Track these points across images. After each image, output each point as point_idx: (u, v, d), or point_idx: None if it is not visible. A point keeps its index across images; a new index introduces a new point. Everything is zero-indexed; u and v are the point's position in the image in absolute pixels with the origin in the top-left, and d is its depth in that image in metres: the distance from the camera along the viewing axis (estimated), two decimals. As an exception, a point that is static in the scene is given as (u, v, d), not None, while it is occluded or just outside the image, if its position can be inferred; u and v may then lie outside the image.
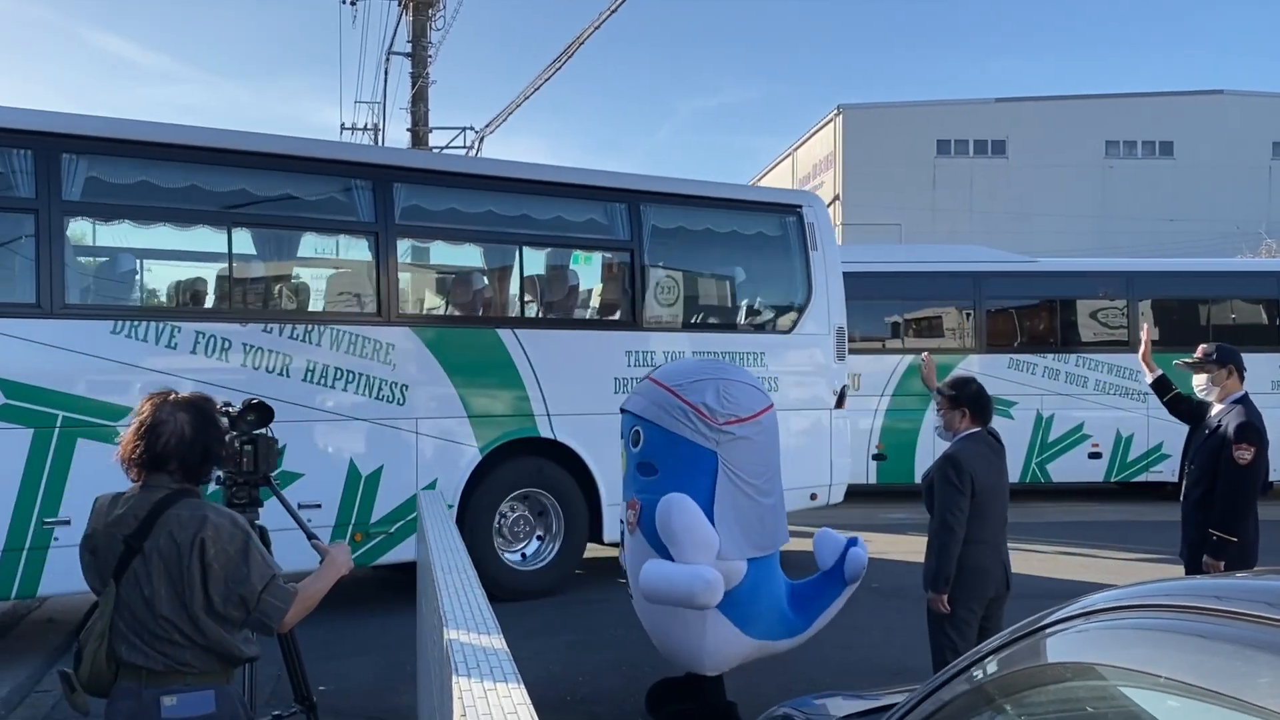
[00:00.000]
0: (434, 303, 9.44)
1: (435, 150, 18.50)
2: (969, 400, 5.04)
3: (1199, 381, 5.72)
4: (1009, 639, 1.91)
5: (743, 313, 10.36)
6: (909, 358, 14.67)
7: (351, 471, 7.77)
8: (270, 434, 4.13)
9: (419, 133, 18.24)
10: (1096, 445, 14.80)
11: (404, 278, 8.82)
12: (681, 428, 5.04)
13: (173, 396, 3.02)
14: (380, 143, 23.83)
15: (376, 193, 7.90)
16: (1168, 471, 14.12)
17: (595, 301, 9.91)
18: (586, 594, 8.73)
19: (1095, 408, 14.83)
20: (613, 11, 11.92)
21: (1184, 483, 5.72)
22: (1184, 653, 1.59)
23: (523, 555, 8.80)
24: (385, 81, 35.20)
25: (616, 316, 9.28)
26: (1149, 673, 1.61)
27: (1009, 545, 5.18)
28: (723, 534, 4.92)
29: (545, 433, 8.57)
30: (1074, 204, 38.20)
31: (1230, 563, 5.21)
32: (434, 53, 18.25)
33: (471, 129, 18.61)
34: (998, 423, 5.35)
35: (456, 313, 9.02)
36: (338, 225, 8.15)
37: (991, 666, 1.91)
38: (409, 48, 18.51)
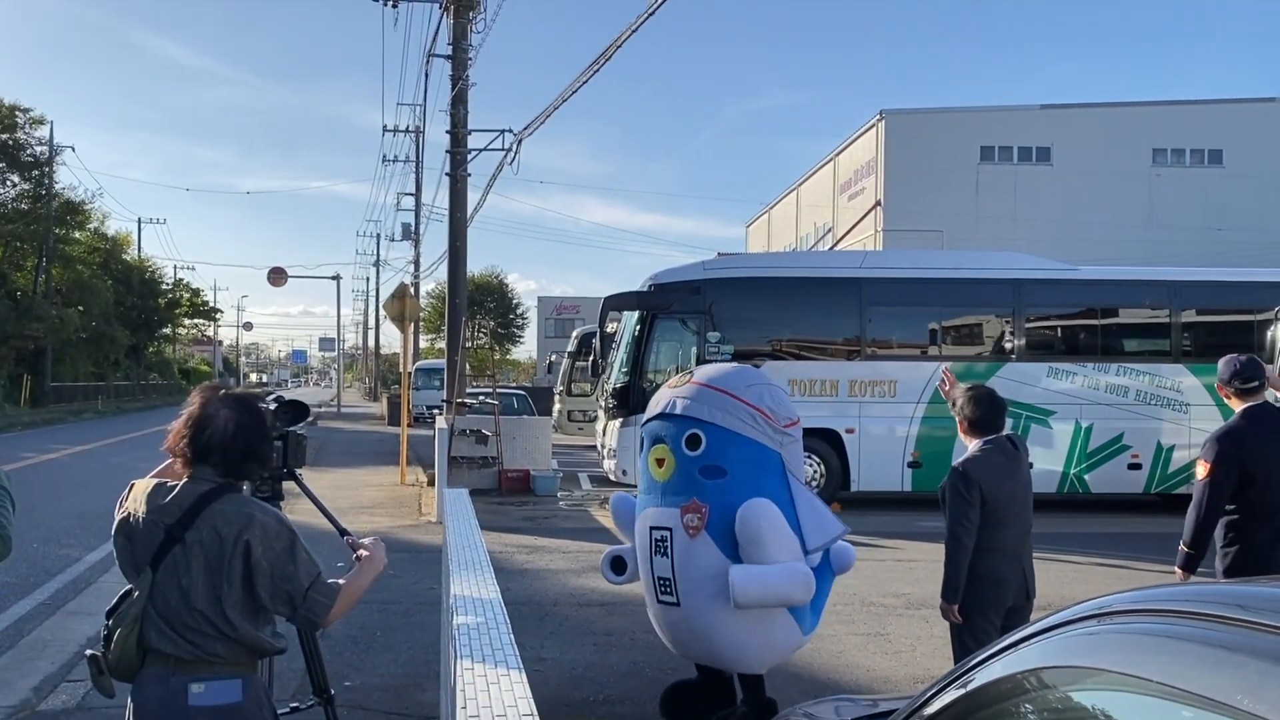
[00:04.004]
0: None
1: (474, 153, 18.59)
2: (960, 411, 5.01)
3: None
4: (1011, 643, 1.87)
5: None
6: (946, 365, 14.55)
7: None
8: (301, 431, 4.16)
9: (458, 135, 18.32)
10: (1137, 456, 14.59)
11: None
12: (748, 430, 5.13)
13: (223, 391, 3.06)
14: (421, 145, 23.71)
15: None
16: (1210, 484, 13.86)
17: None
18: (605, 598, 8.71)
19: (1136, 418, 14.61)
20: (650, 14, 11.89)
21: None
22: (1190, 661, 1.55)
23: None
24: (426, 84, 35.49)
25: None
26: (1153, 680, 1.57)
27: (1036, 554, 5.12)
28: (806, 531, 5.12)
29: None
30: (1120, 212, 37.65)
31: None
32: (474, 55, 18.31)
33: (510, 131, 18.63)
34: (1036, 432, 5.33)
35: None
36: None
37: (996, 669, 1.88)
38: (449, 50, 18.60)
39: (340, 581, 2.98)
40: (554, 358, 34.50)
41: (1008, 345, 15.05)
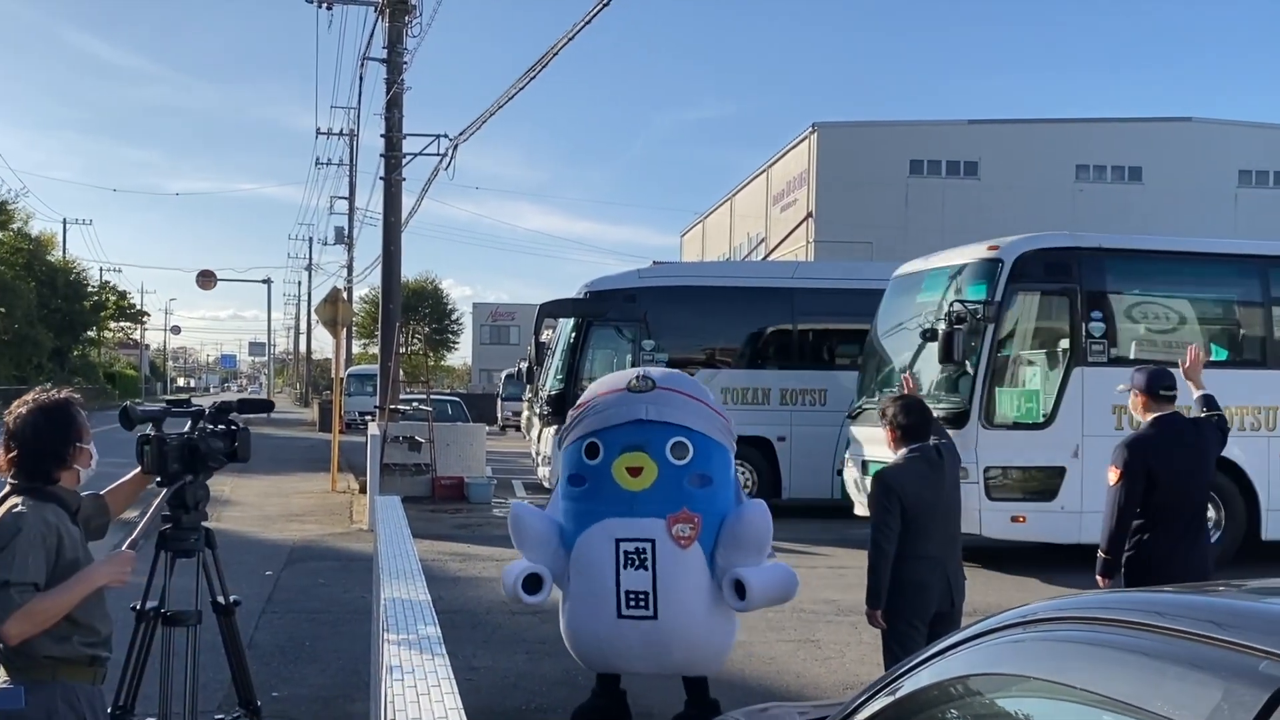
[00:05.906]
0: None
1: (409, 158, 18.42)
2: (893, 420, 5.09)
3: None
4: (939, 650, 1.91)
5: None
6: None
7: None
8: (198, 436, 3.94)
9: (393, 139, 18.16)
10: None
11: None
12: (723, 438, 5.34)
13: (34, 395, 3.07)
14: (355, 149, 23.46)
15: None
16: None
17: None
18: (538, 607, 8.65)
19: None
20: (586, 23, 11.92)
21: None
22: (1111, 667, 1.59)
23: None
24: (361, 87, 35.03)
25: None
26: (1075, 686, 1.61)
27: (965, 562, 5.21)
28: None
29: None
30: (1044, 226, 37.96)
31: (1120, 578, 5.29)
32: (409, 60, 18.17)
33: (445, 136, 18.50)
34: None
35: None
36: None
37: (924, 676, 1.91)
38: (385, 54, 18.44)
39: (37, 597, 2.86)
40: (522, 365, 34.58)
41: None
